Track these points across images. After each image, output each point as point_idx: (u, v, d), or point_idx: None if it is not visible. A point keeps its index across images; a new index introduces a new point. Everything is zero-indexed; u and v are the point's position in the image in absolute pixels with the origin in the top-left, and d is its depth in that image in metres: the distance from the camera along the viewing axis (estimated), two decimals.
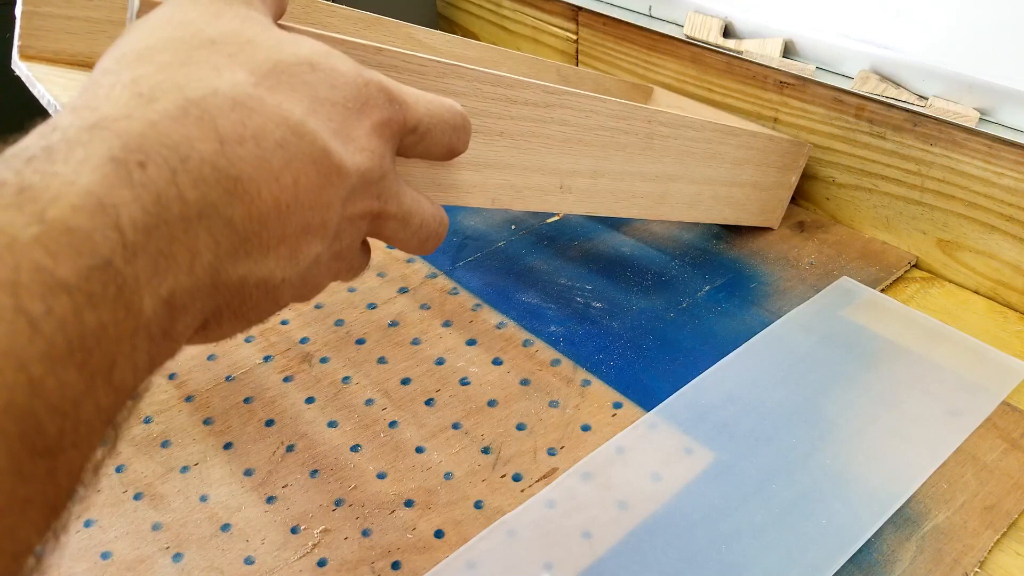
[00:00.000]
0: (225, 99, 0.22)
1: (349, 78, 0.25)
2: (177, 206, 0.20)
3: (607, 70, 0.71)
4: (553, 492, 0.40)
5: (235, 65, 0.23)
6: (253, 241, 0.22)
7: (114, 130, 0.20)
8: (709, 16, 0.61)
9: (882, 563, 0.36)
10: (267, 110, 0.23)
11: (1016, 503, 0.39)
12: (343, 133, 0.25)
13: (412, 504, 0.40)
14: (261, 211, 0.22)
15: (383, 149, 0.26)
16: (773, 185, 0.56)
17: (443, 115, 0.29)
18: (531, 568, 0.36)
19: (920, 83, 0.51)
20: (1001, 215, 0.50)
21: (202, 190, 0.20)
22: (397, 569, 0.37)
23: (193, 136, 0.21)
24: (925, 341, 0.48)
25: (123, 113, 0.20)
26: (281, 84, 0.24)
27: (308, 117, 0.24)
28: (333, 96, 0.25)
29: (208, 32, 0.23)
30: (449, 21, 0.85)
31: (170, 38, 0.23)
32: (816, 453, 0.41)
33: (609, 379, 0.46)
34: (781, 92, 0.58)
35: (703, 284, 0.53)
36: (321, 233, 0.25)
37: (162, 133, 0.20)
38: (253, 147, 0.22)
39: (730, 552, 0.37)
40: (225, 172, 0.21)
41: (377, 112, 0.26)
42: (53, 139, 0.19)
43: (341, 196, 0.25)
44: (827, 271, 0.54)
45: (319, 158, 0.24)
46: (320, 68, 0.25)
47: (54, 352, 0.17)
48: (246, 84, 0.23)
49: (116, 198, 0.19)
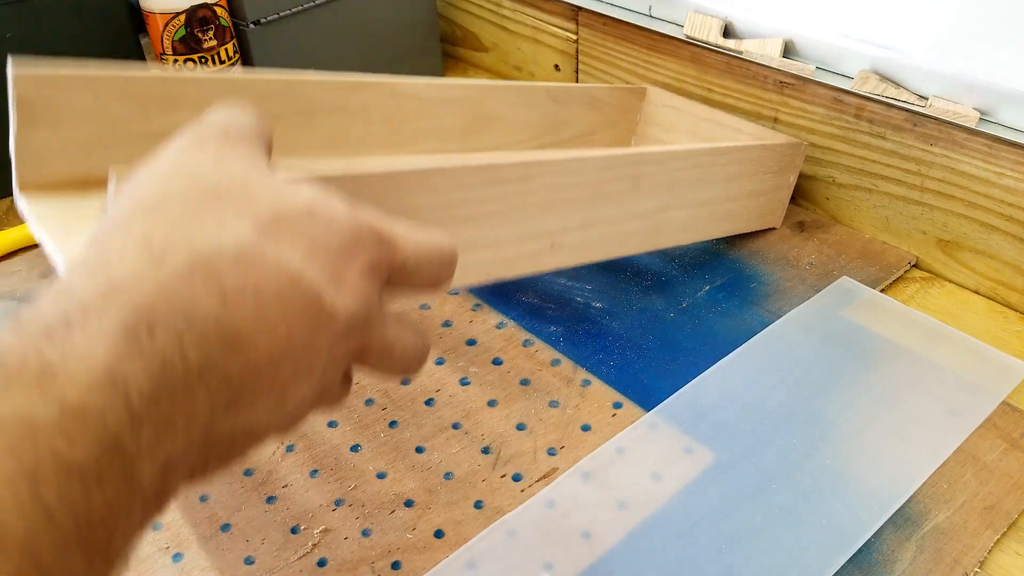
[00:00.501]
0: (229, 255, 0.23)
1: (343, 223, 0.26)
2: (180, 369, 0.21)
3: (607, 70, 0.71)
4: (553, 492, 0.40)
5: (239, 217, 0.24)
6: (245, 393, 0.23)
7: (126, 298, 0.21)
8: (709, 16, 0.61)
9: (882, 563, 0.36)
10: (267, 261, 0.23)
11: (1016, 503, 0.39)
12: (335, 278, 0.25)
13: (412, 504, 0.40)
14: (256, 363, 0.23)
15: (371, 289, 0.27)
16: (771, 189, 0.56)
17: (430, 253, 0.30)
18: (531, 568, 0.36)
19: (920, 83, 0.51)
20: (1001, 215, 0.50)
21: (204, 349, 0.21)
22: (397, 569, 0.37)
23: (199, 295, 0.22)
24: (925, 341, 0.48)
25: (135, 277, 0.21)
26: (281, 233, 0.24)
27: (304, 266, 0.24)
28: (328, 241, 0.26)
29: (214, 180, 0.25)
30: (449, 21, 0.85)
31: (178, 190, 0.24)
32: (816, 453, 0.41)
33: (609, 379, 0.46)
34: (781, 92, 0.58)
35: (703, 284, 0.53)
36: (308, 378, 0.25)
37: (171, 296, 0.21)
38: (253, 299, 0.23)
39: (730, 552, 0.37)
40: (227, 327, 0.22)
41: (367, 253, 0.27)
42: (70, 307, 0.20)
43: (329, 340, 0.26)
44: (827, 271, 0.54)
45: (312, 306, 0.24)
46: (317, 215, 0.26)
47: (64, 538, 0.18)
48: (249, 237, 0.24)
49: (127, 370, 0.20)
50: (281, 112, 0.46)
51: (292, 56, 0.70)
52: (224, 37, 0.64)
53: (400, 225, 0.29)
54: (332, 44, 0.72)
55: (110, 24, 0.65)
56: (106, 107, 0.39)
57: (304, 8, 0.69)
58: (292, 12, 0.68)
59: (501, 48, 0.81)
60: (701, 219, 0.53)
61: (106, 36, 0.65)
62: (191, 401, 0.21)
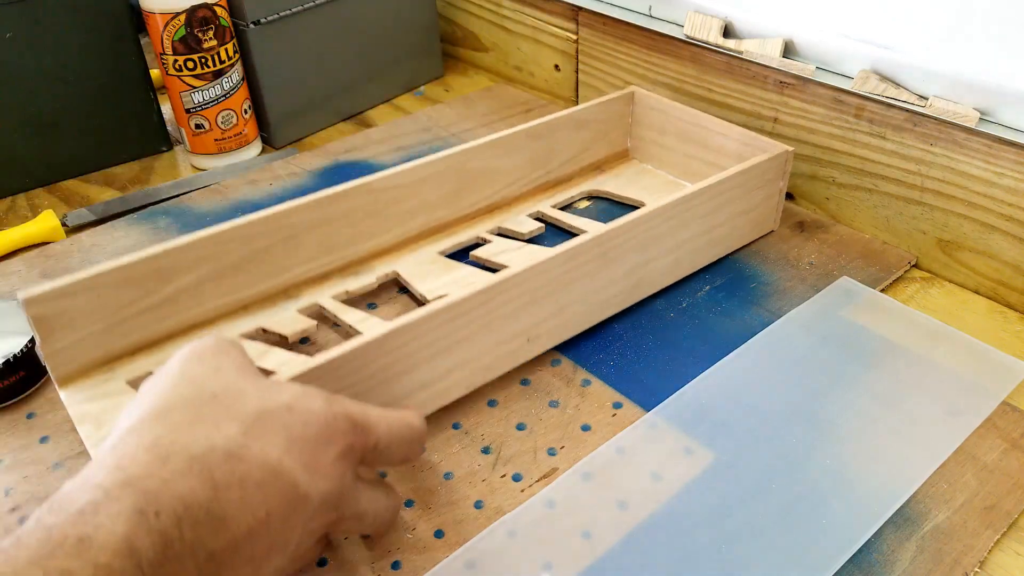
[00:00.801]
0: (220, 453, 0.29)
1: (319, 416, 0.32)
2: (178, 545, 0.26)
3: (607, 70, 0.71)
4: (553, 492, 0.40)
5: (231, 420, 0.30)
6: (226, 564, 0.28)
7: (139, 488, 0.27)
8: (709, 16, 0.61)
9: (882, 563, 0.36)
10: (252, 455, 0.29)
11: (1016, 503, 0.39)
12: (311, 465, 0.31)
13: (412, 504, 0.40)
14: (237, 539, 0.28)
15: (345, 469, 0.32)
16: (760, 202, 0.55)
17: (401, 433, 0.35)
18: (531, 568, 0.36)
19: (920, 83, 0.51)
20: (1001, 215, 0.50)
21: (197, 531, 0.27)
22: (397, 569, 0.37)
23: (195, 487, 0.27)
24: (925, 341, 0.48)
25: (145, 473, 0.27)
26: (265, 429, 0.30)
27: (284, 456, 0.30)
28: (306, 433, 0.31)
29: (211, 388, 0.31)
30: (449, 21, 0.85)
31: (181, 397, 0.31)
32: (816, 453, 0.41)
33: (609, 379, 0.46)
34: (781, 92, 0.58)
35: (703, 284, 0.53)
36: (283, 550, 0.30)
37: (172, 488, 0.27)
38: (238, 490, 0.28)
39: (730, 552, 0.37)
40: (216, 514, 0.27)
41: (342, 439, 0.32)
42: (97, 495, 0.26)
43: (303, 519, 0.31)
44: (827, 271, 0.54)
45: (289, 491, 0.30)
46: (296, 410, 0.31)
47: None
48: (236, 437, 0.29)
49: (140, 543, 0.25)
50: (268, 244, 0.49)
51: (292, 56, 0.70)
52: (224, 37, 0.65)
53: (374, 410, 0.35)
54: (332, 44, 0.72)
55: (110, 24, 0.65)
56: (108, 297, 0.44)
57: (304, 8, 0.69)
58: (292, 12, 0.68)
59: (501, 48, 0.81)
60: (686, 257, 0.52)
61: (106, 36, 0.65)
62: (182, 571, 0.26)
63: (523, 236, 0.57)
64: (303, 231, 0.50)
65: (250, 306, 0.50)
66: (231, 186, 0.65)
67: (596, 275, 0.47)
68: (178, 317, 0.47)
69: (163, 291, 0.46)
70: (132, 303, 0.45)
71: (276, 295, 0.50)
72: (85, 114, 0.67)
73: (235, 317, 0.49)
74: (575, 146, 0.61)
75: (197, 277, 0.46)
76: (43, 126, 0.66)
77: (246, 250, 0.48)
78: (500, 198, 0.59)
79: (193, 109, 0.66)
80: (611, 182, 0.62)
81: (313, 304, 0.50)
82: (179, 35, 0.62)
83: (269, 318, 0.49)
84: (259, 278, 0.49)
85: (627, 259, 0.48)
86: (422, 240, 0.56)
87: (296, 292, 0.51)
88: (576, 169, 0.63)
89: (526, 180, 0.60)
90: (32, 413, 0.46)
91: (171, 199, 0.64)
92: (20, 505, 0.41)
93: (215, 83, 0.65)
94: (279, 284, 0.50)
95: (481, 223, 0.58)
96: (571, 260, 0.45)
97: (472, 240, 0.56)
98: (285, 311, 0.50)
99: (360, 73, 0.76)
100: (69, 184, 0.68)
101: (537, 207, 0.59)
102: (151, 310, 0.46)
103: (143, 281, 0.45)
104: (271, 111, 0.70)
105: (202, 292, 0.47)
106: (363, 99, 0.78)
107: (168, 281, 0.46)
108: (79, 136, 0.68)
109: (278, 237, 0.49)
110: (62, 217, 0.62)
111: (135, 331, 0.46)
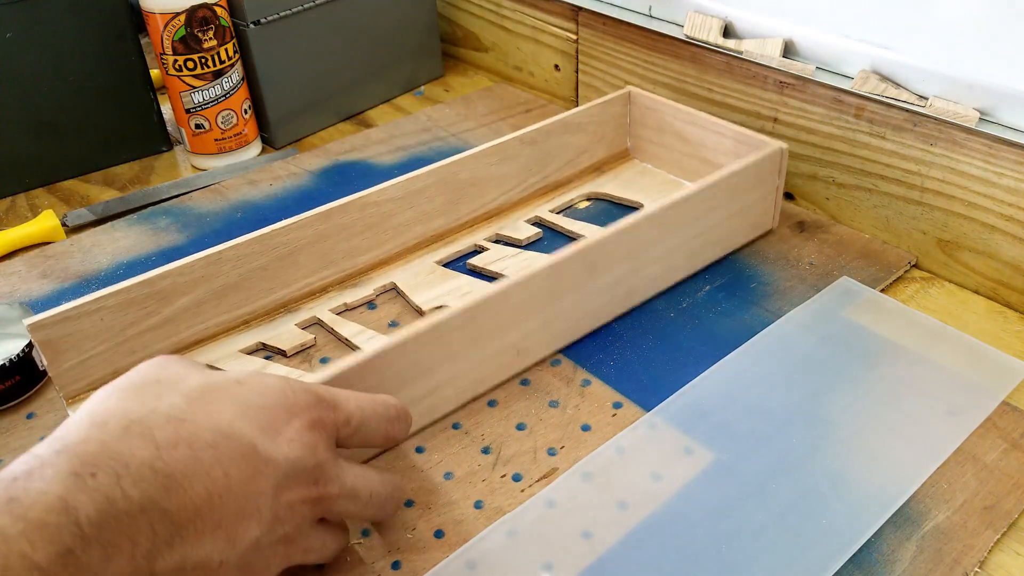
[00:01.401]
0: (161, 415, 0.29)
1: (276, 387, 0.32)
2: (122, 503, 0.26)
3: (607, 70, 0.71)
4: (553, 492, 0.40)
5: (173, 392, 0.30)
6: (188, 528, 0.27)
7: (74, 452, 0.27)
8: (709, 16, 0.61)
9: (882, 563, 0.36)
10: (198, 420, 0.29)
11: (1016, 503, 0.39)
12: (271, 429, 0.30)
13: (412, 504, 0.40)
14: (195, 501, 0.27)
15: (315, 440, 0.31)
16: (756, 201, 0.54)
17: (376, 409, 0.35)
18: (531, 568, 0.36)
19: (920, 83, 0.51)
20: (1001, 215, 0.50)
21: (142, 488, 0.26)
22: (397, 569, 0.37)
23: (134, 446, 0.27)
24: (925, 341, 0.48)
25: (80, 438, 0.27)
26: (213, 399, 0.30)
27: (236, 420, 0.30)
28: (261, 402, 0.31)
29: (156, 375, 0.31)
30: (449, 21, 0.85)
31: (124, 384, 0.31)
32: (816, 453, 0.41)
33: (609, 379, 0.46)
34: (781, 92, 0.58)
35: (703, 284, 0.53)
36: (256, 517, 0.29)
37: (110, 448, 0.27)
38: (185, 449, 0.28)
39: (730, 552, 0.37)
40: (161, 471, 0.27)
41: (308, 412, 0.32)
42: (32, 462, 0.26)
43: (272, 484, 0.30)
44: (827, 271, 0.54)
45: (248, 453, 0.29)
46: (246, 383, 0.31)
47: None
48: (181, 403, 0.29)
49: (76, 501, 0.25)
50: (265, 262, 0.49)
51: (292, 56, 0.70)
52: (224, 37, 0.65)
53: (342, 391, 0.34)
54: (332, 44, 0.72)
55: (110, 24, 0.65)
56: (111, 320, 0.45)
57: (304, 8, 0.69)
58: (292, 12, 0.68)
59: (501, 48, 0.81)
60: (679, 263, 0.52)
61: (106, 36, 0.65)
62: (134, 529, 0.26)
63: (521, 242, 0.57)
64: (299, 248, 0.50)
65: (250, 322, 0.50)
66: (231, 186, 0.65)
67: (584, 285, 0.47)
68: (179, 336, 0.48)
69: (163, 312, 0.47)
70: (134, 324, 0.46)
71: (275, 310, 0.51)
72: (85, 114, 0.67)
73: (235, 333, 0.50)
74: (572, 149, 0.61)
75: (196, 297, 0.47)
76: (43, 126, 0.66)
77: (244, 269, 0.49)
78: (497, 205, 0.59)
79: (193, 109, 0.66)
80: (611, 183, 0.62)
81: (312, 317, 0.51)
82: (179, 35, 0.62)
83: (268, 332, 0.50)
84: (257, 295, 0.50)
85: (619, 266, 0.48)
86: (419, 250, 0.56)
87: (295, 306, 0.51)
88: (575, 171, 0.63)
89: (523, 186, 0.60)
90: (32, 413, 0.46)
91: (171, 199, 0.64)
92: None
93: (215, 83, 0.65)
94: (278, 299, 0.51)
95: (479, 230, 0.58)
96: (559, 270, 0.45)
97: (470, 248, 0.56)
98: (284, 325, 0.50)
99: (360, 73, 0.76)
100: (69, 184, 0.68)
101: (536, 212, 0.59)
102: (153, 330, 0.47)
103: (144, 302, 0.46)
104: (271, 111, 0.70)
105: (202, 311, 0.48)
106: (363, 99, 0.78)
107: (168, 302, 0.47)
108: (79, 136, 0.68)
109: (275, 255, 0.49)
110: (62, 217, 0.62)
111: (139, 350, 0.47)
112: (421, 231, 0.56)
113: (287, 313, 0.51)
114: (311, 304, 0.52)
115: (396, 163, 0.67)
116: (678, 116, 0.60)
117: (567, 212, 0.60)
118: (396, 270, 0.54)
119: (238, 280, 0.49)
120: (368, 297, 0.52)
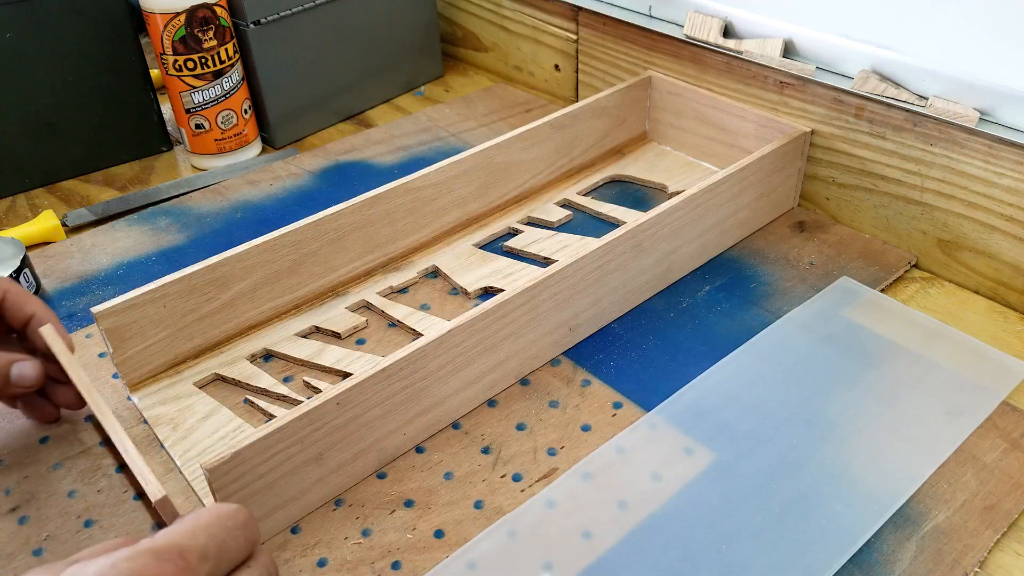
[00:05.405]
0: None
1: None
2: None
3: (607, 70, 0.71)
4: (553, 492, 0.40)
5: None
6: None
7: None
8: (709, 16, 0.61)
9: (882, 563, 0.36)
10: None
11: (1016, 503, 0.39)
12: None
13: (412, 504, 0.40)
14: None
15: None
16: (780, 184, 0.57)
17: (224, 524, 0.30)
18: (531, 568, 0.36)
19: (920, 83, 0.51)
20: (1001, 215, 0.50)
21: None
22: (397, 569, 0.37)
23: None
24: (925, 341, 0.48)
25: None
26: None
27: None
28: None
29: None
30: (449, 21, 0.85)
31: None
32: (816, 453, 0.41)
33: (609, 379, 0.46)
34: (781, 92, 0.58)
35: (703, 284, 0.53)
36: None
37: None
38: None
39: (730, 552, 0.37)
40: None
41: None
42: None
43: None
44: (827, 271, 0.54)
45: None
46: None
47: None
48: None
49: None
50: (316, 247, 0.51)
51: (292, 56, 0.70)
52: (224, 37, 0.64)
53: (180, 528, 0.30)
54: (332, 44, 0.72)
55: (110, 24, 0.65)
56: (173, 306, 0.47)
57: (304, 8, 0.69)
58: (292, 12, 0.68)
59: (501, 48, 0.81)
60: (712, 240, 0.55)
61: (106, 36, 0.65)
62: None
63: (553, 224, 0.59)
64: (347, 233, 0.52)
65: (301, 306, 0.52)
66: (231, 186, 0.65)
67: (630, 265, 0.49)
68: (236, 320, 0.50)
69: (222, 297, 0.48)
70: (194, 309, 0.48)
71: (325, 294, 0.53)
72: (85, 114, 0.67)
73: (288, 317, 0.52)
74: (596, 133, 0.64)
75: (252, 282, 0.49)
76: (43, 126, 0.66)
77: (297, 254, 0.50)
78: (527, 188, 0.62)
79: (193, 109, 0.66)
80: (632, 166, 0.65)
81: (360, 300, 0.53)
82: (179, 35, 0.62)
83: (320, 316, 0.51)
84: (308, 279, 0.52)
85: (659, 247, 0.50)
86: (457, 233, 0.58)
87: (343, 290, 0.54)
88: (598, 155, 0.65)
89: (551, 169, 0.63)
90: None
91: (171, 199, 0.64)
92: (20, 505, 0.41)
93: (215, 83, 0.65)
94: (327, 283, 0.53)
95: (511, 214, 0.60)
96: (608, 251, 0.47)
97: (504, 230, 0.59)
98: (334, 308, 0.52)
99: (360, 73, 0.76)
100: (69, 184, 0.68)
101: (563, 195, 0.62)
102: (212, 315, 0.48)
103: (204, 288, 0.48)
104: (271, 111, 0.70)
105: (257, 295, 0.50)
106: (363, 99, 0.78)
107: (227, 288, 0.48)
108: (79, 136, 0.68)
109: (325, 240, 0.52)
110: (62, 217, 0.62)
111: (197, 335, 0.48)
112: (458, 215, 0.58)
113: (335, 297, 0.53)
114: (358, 288, 0.54)
115: (396, 163, 0.67)
116: (700, 100, 0.62)
117: (593, 194, 0.63)
118: (436, 253, 0.57)
119: (291, 264, 0.50)
120: (412, 280, 0.54)
